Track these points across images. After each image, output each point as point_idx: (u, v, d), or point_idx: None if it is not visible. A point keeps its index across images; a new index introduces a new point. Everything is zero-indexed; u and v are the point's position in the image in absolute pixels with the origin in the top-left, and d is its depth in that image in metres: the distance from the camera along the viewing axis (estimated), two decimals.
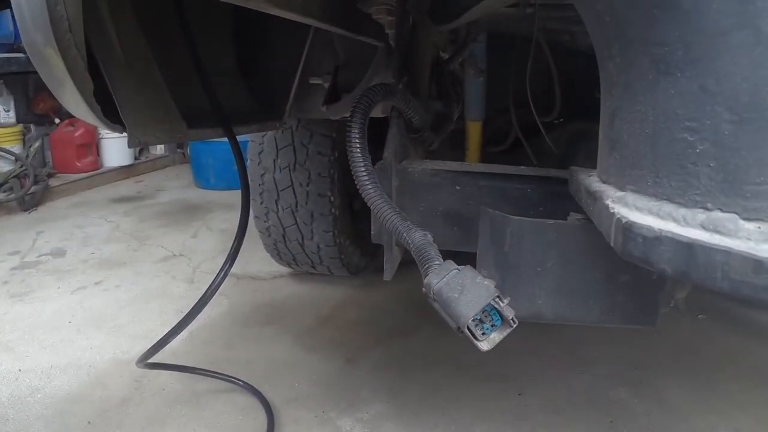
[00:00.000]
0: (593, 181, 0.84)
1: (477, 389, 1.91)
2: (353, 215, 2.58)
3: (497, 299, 0.77)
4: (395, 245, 1.19)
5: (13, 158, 4.43)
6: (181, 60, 1.37)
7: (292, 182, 2.35)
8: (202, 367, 1.95)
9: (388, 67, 1.62)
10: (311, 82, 1.77)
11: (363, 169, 0.98)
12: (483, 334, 0.77)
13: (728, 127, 0.59)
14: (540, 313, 1.01)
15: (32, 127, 4.97)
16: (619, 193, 0.74)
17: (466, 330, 0.76)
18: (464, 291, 0.78)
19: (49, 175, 4.70)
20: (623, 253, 0.69)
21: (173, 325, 1.54)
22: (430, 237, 0.90)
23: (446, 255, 0.89)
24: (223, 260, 1.52)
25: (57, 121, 5.13)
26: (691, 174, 0.63)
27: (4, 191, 4.20)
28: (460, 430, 1.70)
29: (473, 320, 0.76)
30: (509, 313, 0.76)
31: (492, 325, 0.77)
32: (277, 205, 2.41)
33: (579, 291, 1.00)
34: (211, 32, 1.59)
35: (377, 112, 1.55)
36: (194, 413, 1.77)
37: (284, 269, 2.90)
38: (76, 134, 4.99)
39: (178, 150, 6.19)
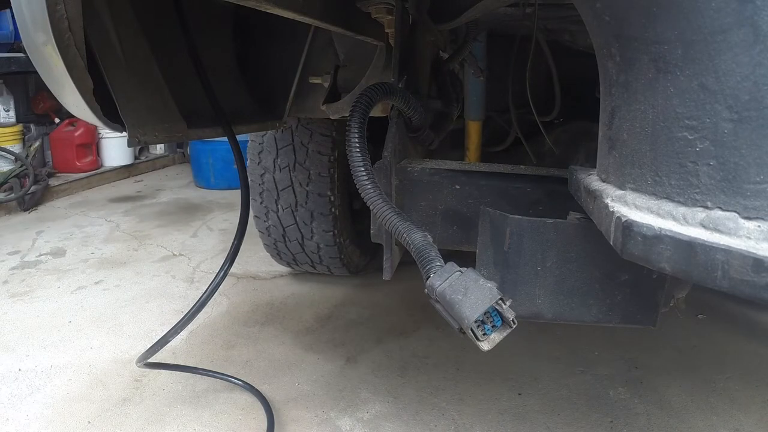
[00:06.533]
0: (593, 180, 0.84)
1: (477, 389, 1.91)
2: (353, 215, 2.58)
3: (500, 302, 0.77)
4: (395, 245, 1.19)
5: (13, 158, 4.44)
6: (181, 60, 1.37)
7: (292, 182, 2.36)
8: (202, 367, 1.95)
9: (387, 67, 1.62)
10: (311, 81, 1.78)
11: (362, 168, 0.97)
12: (484, 334, 0.77)
13: (728, 126, 0.59)
14: (539, 312, 1.01)
15: (32, 126, 4.98)
16: (619, 192, 0.74)
17: (469, 331, 0.77)
18: (467, 293, 0.78)
19: (49, 175, 4.70)
20: (623, 252, 0.68)
21: (173, 325, 1.55)
22: (429, 237, 0.90)
23: (445, 254, 0.89)
24: (223, 260, 1.53)
25: (57, 120, 5.14)
26: (690, 172, 0.63)
27: (4, 191, 4.20)
28: (460, 431, 1.70)
29: (475, 321, 0.76)
30: (510, 315, 0.77)
31: (493, 326, 0.78)
32: (277, 205, 2.41)
33: (578, 290, 1.00)
34: (211, 32, 1.60)
35: (377, 112, 1.56)
36: (194, 413, 1.77)
37: (284, 269, 2.90)
38: (76, 134, 5.00)
39: (178, 149, 6.20)
